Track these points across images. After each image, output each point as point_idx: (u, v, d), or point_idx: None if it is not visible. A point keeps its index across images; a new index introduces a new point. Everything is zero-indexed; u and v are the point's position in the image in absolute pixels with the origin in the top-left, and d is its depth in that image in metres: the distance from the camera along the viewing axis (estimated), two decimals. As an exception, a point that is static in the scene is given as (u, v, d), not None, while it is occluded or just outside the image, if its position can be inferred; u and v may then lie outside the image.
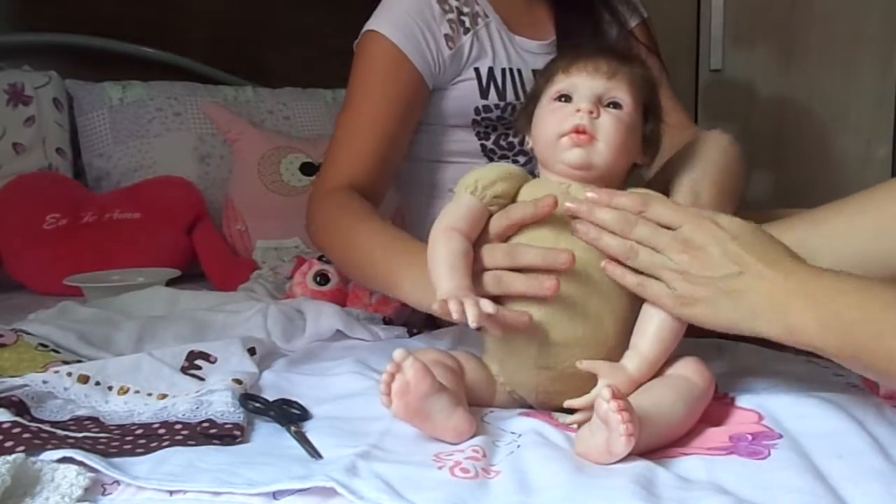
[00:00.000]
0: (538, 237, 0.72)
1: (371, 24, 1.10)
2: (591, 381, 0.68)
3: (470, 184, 0.74)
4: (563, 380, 0.72)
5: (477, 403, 0.73)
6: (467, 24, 1.12)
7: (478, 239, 0.73)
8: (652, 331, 0.70)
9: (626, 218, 0.69)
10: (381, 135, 1.07)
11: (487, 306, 0.65)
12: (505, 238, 0.74)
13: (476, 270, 0.72)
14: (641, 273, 0.69)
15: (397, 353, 0.64)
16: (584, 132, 0.72)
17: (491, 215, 0.74)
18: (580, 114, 0.72)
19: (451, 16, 1.11)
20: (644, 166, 0.80)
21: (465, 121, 1.14)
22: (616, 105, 0.74)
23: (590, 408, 0.64)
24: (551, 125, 0.74)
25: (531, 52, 1.16)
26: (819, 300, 0.62)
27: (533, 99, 0.79)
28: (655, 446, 0.65)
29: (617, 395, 0.60)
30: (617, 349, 0.71)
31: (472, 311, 0.64)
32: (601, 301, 0.71)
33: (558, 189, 0.73)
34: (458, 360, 0.74)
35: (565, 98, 0.74)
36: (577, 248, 0.70)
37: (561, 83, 0.75)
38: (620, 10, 1.22)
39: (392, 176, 1.14)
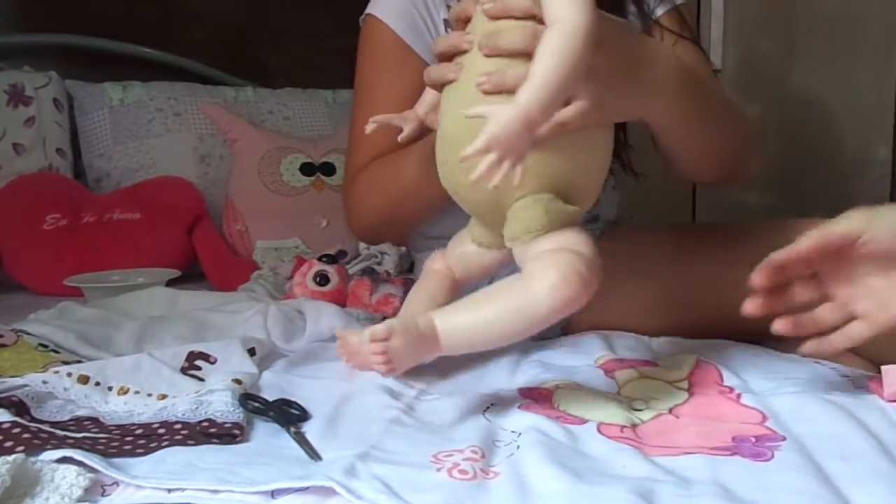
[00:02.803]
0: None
1: (373, 9, 1.11)
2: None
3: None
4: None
5: (473, 278, 0.86)
6: None
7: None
8: (545, 48, 0.63)
9: None
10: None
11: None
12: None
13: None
14: None
15: (379, 330, 0.68)
16: None
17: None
18: None
19: (451, 1, 1.11)
20: None
21: None
22: None
23: None
24: None
25: None
26: None
27: None
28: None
29: (374, 338, 0.67)
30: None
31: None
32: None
33: None
34: (449, 266, 0.86)
35: None
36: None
37: None
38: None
39: None
